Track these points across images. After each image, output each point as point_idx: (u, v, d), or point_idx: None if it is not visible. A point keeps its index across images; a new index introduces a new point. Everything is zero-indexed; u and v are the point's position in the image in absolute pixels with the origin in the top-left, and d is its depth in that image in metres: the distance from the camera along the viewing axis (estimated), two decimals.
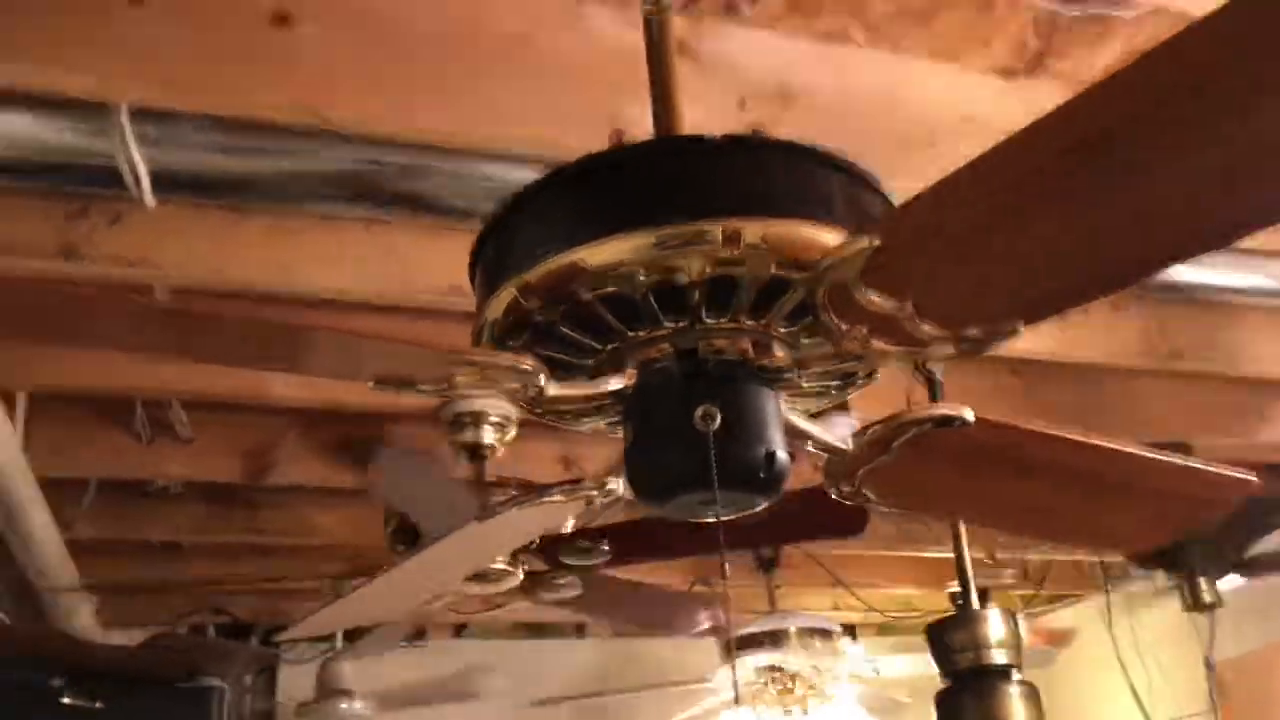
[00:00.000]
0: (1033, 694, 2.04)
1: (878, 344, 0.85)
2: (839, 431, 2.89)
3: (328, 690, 3.39)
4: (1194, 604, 3.08)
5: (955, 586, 4.32)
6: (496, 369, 0.84)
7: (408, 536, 2.45)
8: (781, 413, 0.96)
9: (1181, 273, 2.36)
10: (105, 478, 2.79)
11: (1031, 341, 2.57)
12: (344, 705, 3.39)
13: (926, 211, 0.75)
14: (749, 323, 0.91)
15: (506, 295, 0.90)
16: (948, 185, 0.74)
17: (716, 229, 0.83)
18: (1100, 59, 1.91)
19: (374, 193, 1.84)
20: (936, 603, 4.20)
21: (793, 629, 3.32)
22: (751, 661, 3.35)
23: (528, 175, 1.77)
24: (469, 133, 1.65)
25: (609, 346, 0.94)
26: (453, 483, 2.13)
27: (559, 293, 0.89)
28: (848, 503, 1.70)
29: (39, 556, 2.60)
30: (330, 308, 2.07)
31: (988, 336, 0.83)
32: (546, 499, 1.11)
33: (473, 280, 0.99)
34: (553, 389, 0.88)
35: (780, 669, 3.39)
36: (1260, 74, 0.61)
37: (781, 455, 0.93)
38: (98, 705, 1.90)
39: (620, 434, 1.01)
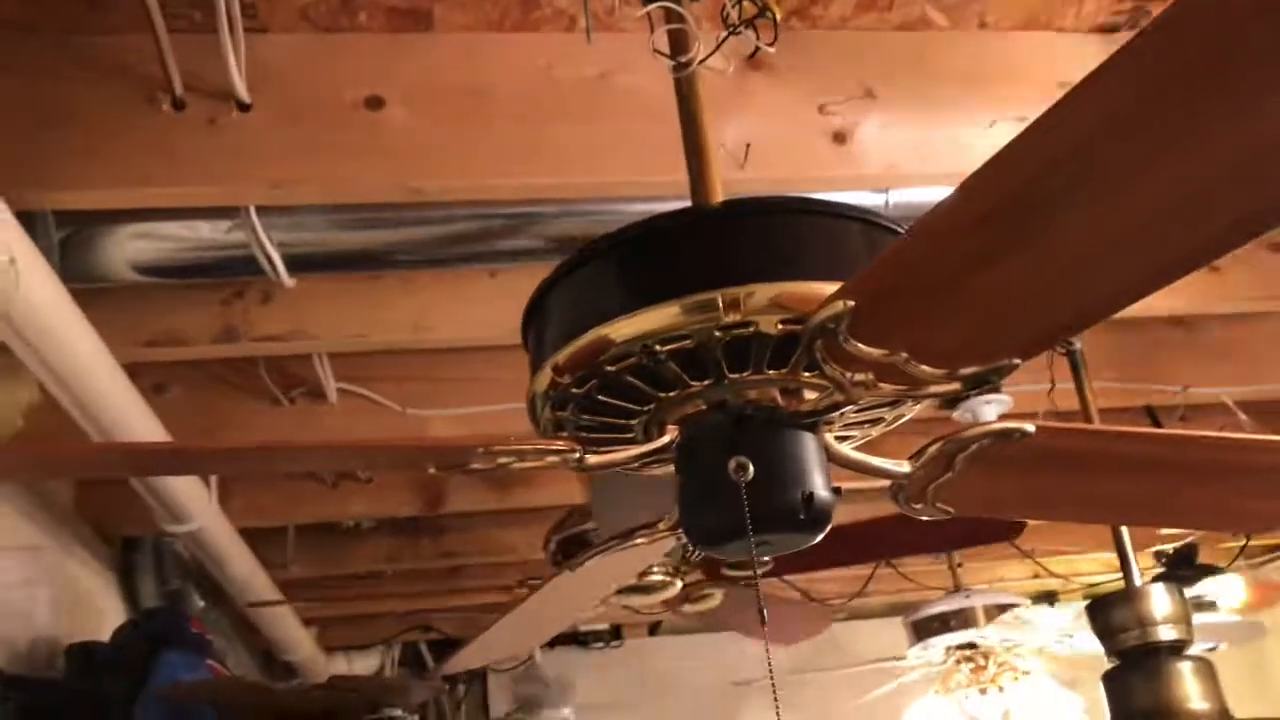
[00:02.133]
0: (1207, 670, 1.96)
1: (884, 387, 0.87)
2: (989, 413, 2.84)
3: (530, 696, 3.59)
4: None
5: (1163, 546, 4.15)
6: (533, 453, 0.91)
7: (568, 551, 2.57)
8: (820, 452, 0.99)
9: None
10: (301, 523, 3.05)
11: (1184, 297, 2.46)
12: (548, 711, 3.58)
13: (895, 265, 0.77)
14: (773, 374, 0.95)
15: (544, 375, 0.97)
16: (913, 237, 0.76)
17: (717, 297, 0.88)
18: None
19: (485, 248, 1.95)
20: (1141, 564, 4.03)
21: (979, 606, 3.26)
22: (939, 642, 3.31)
23: (629, 209, 1.86)
24: (554, 183, 1.72)
25: (648, 408, 1.00)
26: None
27: (590, 367, 0.95)
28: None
29: (252, 596, 2.87)
30: (460, 354, 2.20)
31: (986, 374, 0.84)
32: (628, 545, 1.18)
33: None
34: (592, 459, 0.95)
35: (972, 648, 3.34)
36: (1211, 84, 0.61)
37: (820, 494, 0.96)
38: None
39: None
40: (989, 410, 2.53)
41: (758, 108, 1.77)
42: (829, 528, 1.01)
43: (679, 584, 2.40)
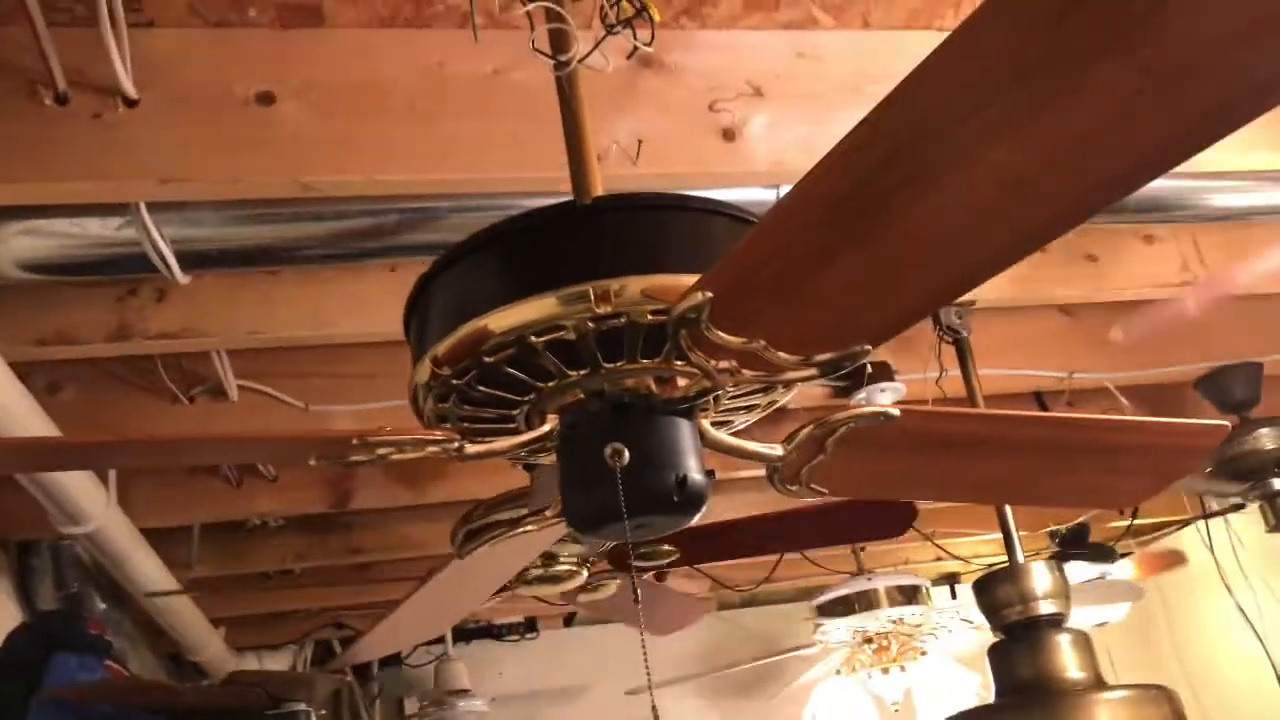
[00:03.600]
0: (1084, 641, 2.06)
1: (746, 373, 0.91)
2: (883, 399, 2.94)
3: (445, 690, 3.59)
4: (1277, 524, 3.01)
5: (1056, 527, 4.30)
6: (412, 444, 0.94)
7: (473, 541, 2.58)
8: (694, 437, 1.03)
9: (1208, 199, 2.32)
10: (206, 522, 3.01)
11: (1071, 286, 2.57)
12: (461, 704, 3.58)
13: (745, 259, 0.81)
14: (646, 362, 0.99)
15: (425, 366, 1.00)
16: (759, 233, 0.81)
17: (590, 289, 0.92)
18: None
19: (383, 243, 1.96)
20: (1036, 544, 4.18)
21: (880, 588, 3.37)
22: (843, 624, 3.40)
23: (524, 205, 1.88)
24: (446, 178, 1.74)
25: (528, 398, 1.03)
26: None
27: (469, 358, 0.98)
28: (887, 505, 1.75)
29: (156, 599, 2.83)
30: (362, 349, 2.20)
31: (840, 359, 0.88)
32: (518, 532, 1.21)
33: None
34: (471, 448, 0.98)
35: (872, 630, 3.44)
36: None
37: (694, 477, 1.00)
38: None
39: None
40: (884, 398, 2.61)
41: (649, 105, 1.81)
42: (734, 521, 1.05)
43: (585, 574, 2.43)
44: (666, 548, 2.20)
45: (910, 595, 3.34)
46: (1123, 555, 4.16)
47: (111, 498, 2.35)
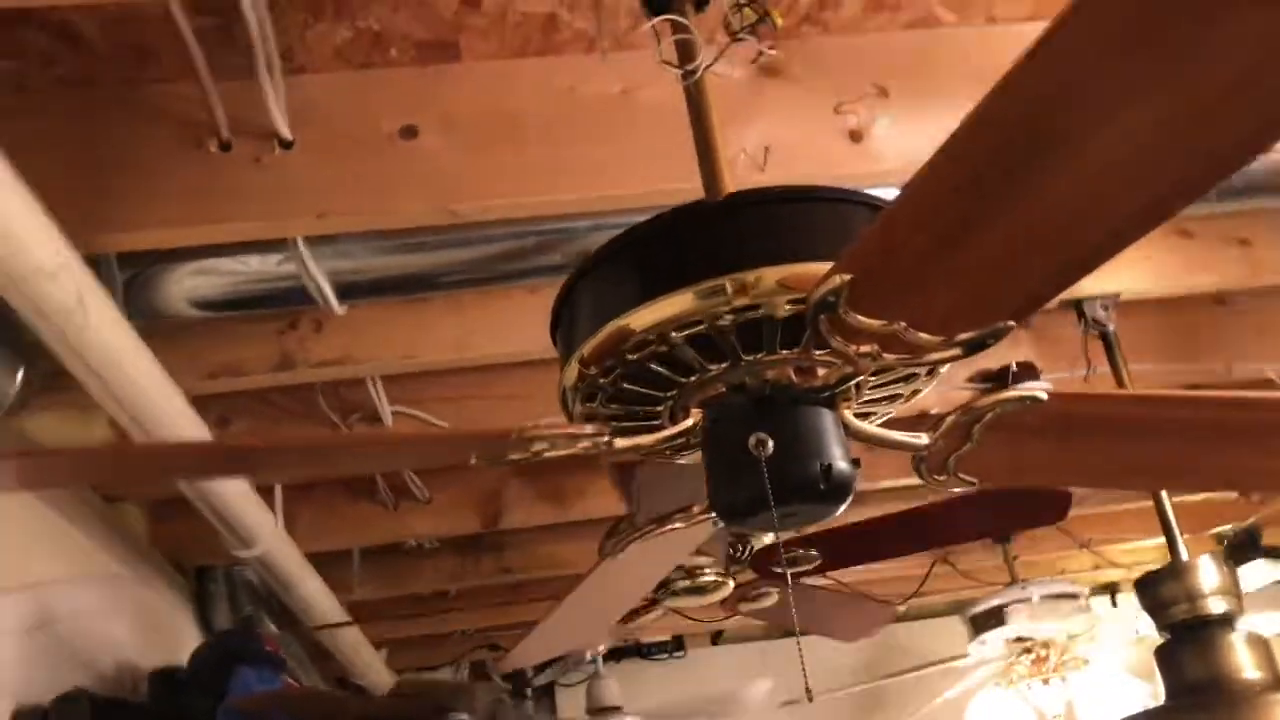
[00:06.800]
0: (1259, 641, 1.97)
1: (888, 357, 0.93)
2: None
3: (596, 707, 3.64)
4: None
5: (1223, 528, 4.11)
6: (563, 438, 0.98)
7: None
8: (837, 426, 1.04)
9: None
10: (365, 545, 3.15)
11: (1223, 272, 2.46)
12: (616, 719, 3.62)
13: (882, 236, 0.82)
14: (786, 353, 1.01)
15: (572, 368, 1.04)
16: (896, 208, 0.82)
17: (726, 282, 0.94)
18: None
19: (522, 265, 2.03)
20: (1202, 547, 4.00)
21: (1035, 597, 3.27)
22: (998, 635, 3.32)
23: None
24: (583, 197, 1.79)
25: (671, 393, 1.06)
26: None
27: (613, 357, 1.02)
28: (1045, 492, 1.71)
29: (321, 619, 2.97)
30: (508, 370, 2.28)
31: (982, 338, 0.89)
32: (666, 529, 1.24)
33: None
34: (620, 443, 1.02)
35: (1030, 639, 3.34)
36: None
37: (839, 465, 1.02)
38: None
39: None
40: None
41: (775, 112, 1.84)
42: (879, 517, 1.06)
43: (731, 584, 2.45)
44: (810, 552, 2.20)
45: (1067, 604, 3.24)
46: None
47: (279, 520, 2.48)
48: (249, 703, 2.03)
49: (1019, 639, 3.32)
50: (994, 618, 3.30)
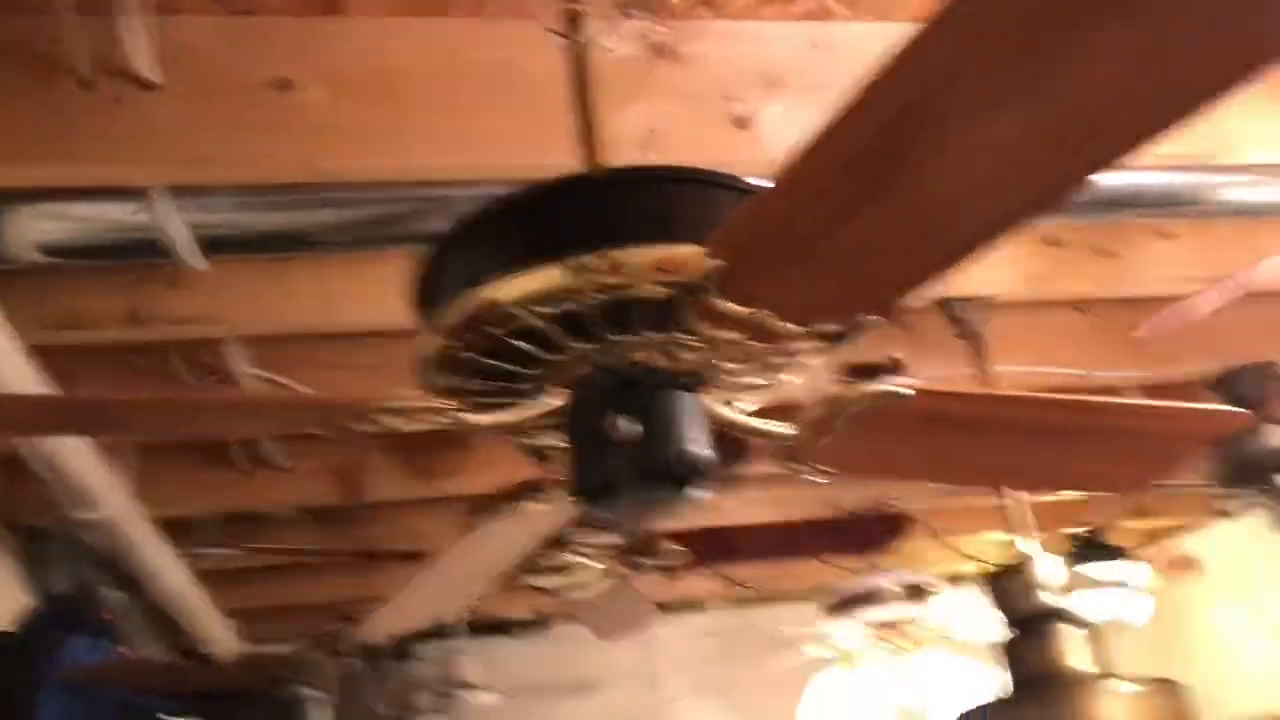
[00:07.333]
0: (1094, 635, 2.06)
1: (753, 345, 0.92)
2: None
3: (454, 683, 3.60)
4: None
5: (1076, 529, 4.27)
6: (417, 411, 0.94)
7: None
8: (700, 412, 1.03)
9: (1225, 194, 2.31)
10: (219, 512, 3.03)
11: (1087, 282, 2.55)
12: (470, 696, 3.58)
13: (753, 220, 0.81)
14: (653, 335, 0.99)
15: (431, 338, 1.01)
16: (770, 192, 0.81)
17: (595, 259, 0.92)
18: None
19: (397, 231, 1.97)
20: (1055, 547, 4.16)
21: (889, 586, 3.37)
22: (853, 621, 3.41)
23: None
24: (461, 165, 1.75)
25: (536, 371, 1.03)
26: None
27: (475, 330, 0.98)
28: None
29: (169, 588, 2.85)
30: (378, 339, 2.21)
31: (846, 330, 0.89)
32: (527, 509, 1.22)
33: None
34: (479, 419, 0.98)
35: (883, 624, 3.44)
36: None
37: (700, 451, 1.00)
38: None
39: None
40: None
41: (663, 94, 1.81)
42: (744, 526, 1.05)
43: (597, 567, 2.43)
44: (677, 549, 2.22)
45: (919, 592, 3.34)
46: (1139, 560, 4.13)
47: (124, 483, 2.36)
48: (79, 676, 1.92)
49: (876, 623, 3.41)
50: (851, 603, 3.38)
